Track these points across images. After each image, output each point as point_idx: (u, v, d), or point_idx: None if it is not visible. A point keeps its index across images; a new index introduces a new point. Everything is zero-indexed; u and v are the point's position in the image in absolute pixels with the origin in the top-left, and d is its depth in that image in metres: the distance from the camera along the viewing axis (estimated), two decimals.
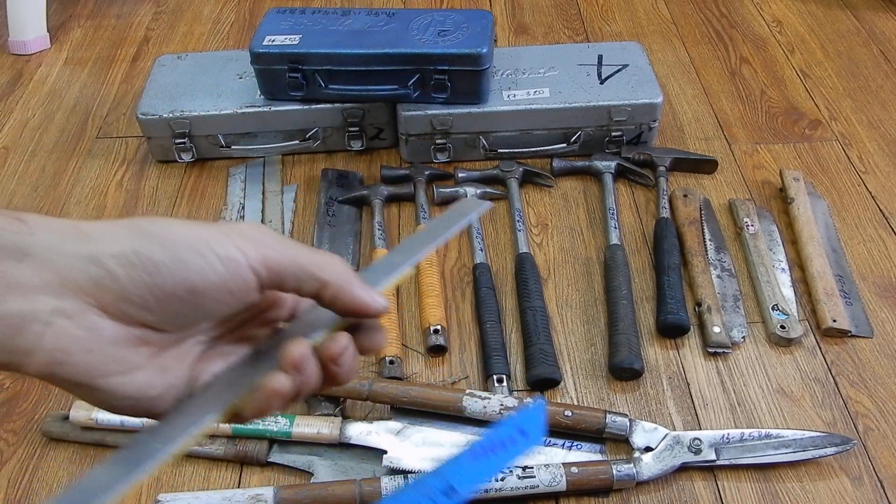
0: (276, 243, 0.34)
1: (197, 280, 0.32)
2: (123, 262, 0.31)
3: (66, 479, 0.76)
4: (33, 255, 0.31)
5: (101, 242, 0.32)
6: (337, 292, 0.35)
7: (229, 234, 0.33)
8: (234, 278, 0.33)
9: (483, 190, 1.04)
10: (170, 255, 0.32)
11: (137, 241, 0.32)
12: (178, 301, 0.33)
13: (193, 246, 0.32)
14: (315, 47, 1.02)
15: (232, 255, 0.33)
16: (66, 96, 1.29)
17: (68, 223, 0.32)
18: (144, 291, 0.32)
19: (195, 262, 0.32)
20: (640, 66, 1.11)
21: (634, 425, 0.76)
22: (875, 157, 1.11)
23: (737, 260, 0.95)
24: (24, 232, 0.31)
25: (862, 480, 0.74)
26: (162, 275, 0.32)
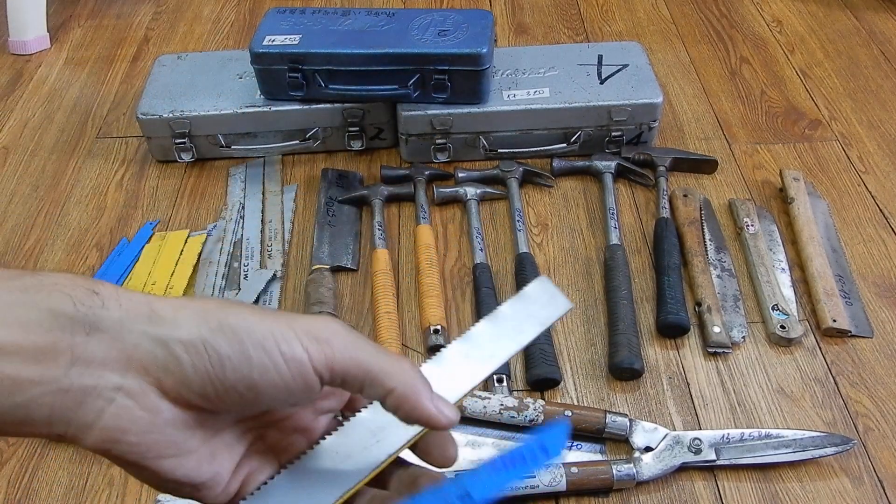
0: (345, 345, 0.34)
1: (259, 378, 0.32)
2: (191, 351, 0.31)
3: (66, 479, 0.76)
4: (103, 330, 0.31)
5: (173, 326, 0.32)
6: (402, 403, 0.34)
7: (298, 333, 0.33)
8: (296, 379, 0.33)
9: (483, 190, 1.04)
10: (237, 350, 0.32)
11: (207, 331, 0.32)
12: (238, 395, 0.33)
13: (261, 342, 0.32)
14: (315, 47, 1.02)
15: (298, 355, 0.32)
16: (66, 96, 1.29)
17: (143, 299, 0.32)
18: (206, 381, 0.32)
19: (260, 361, 0.32)
20: (640, 66, 1.11)
21: (634, 425, 0.76)
22: (875, 157, 1.11)
23: (737, 260, 0.95)
24: (96, 305, 0.31)
25: (862, 480, 0.74)
26: (225, 369, 0.32)
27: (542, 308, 0.40)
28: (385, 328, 0.87)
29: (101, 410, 0.31)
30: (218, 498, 0.36)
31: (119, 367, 0.31)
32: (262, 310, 0.34)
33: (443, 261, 0.97)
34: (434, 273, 0.93)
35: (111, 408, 0.31)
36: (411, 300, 0.93)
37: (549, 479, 0.72)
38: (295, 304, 0.93)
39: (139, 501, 0.75)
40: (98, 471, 0.77)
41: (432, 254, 0.96)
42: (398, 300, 0.92)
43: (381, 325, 0.87)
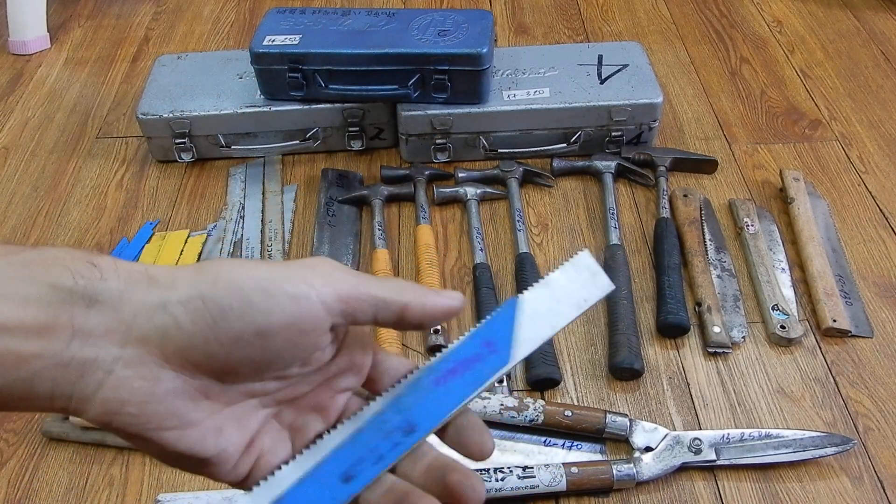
0: (346, 275, 0.34)
1: (265, 321, 0.32)
2: (190, 309, 0.31)
3: (66, 479, 0.76)
4: (102, 302, 0.31)
5: (169, 289, 0.31)
6: (421, 309, 0.35)
7: (297, 270, 0.33)
8: (303, 315, 0.32)
9: (483, 190, 1.04)
10: (238, 299, 0.31)
11: (205, 286, 0.31)
12: (247, 345, 0.32)
13: (261, 286, 0.32)
14: (315, 47, 1.02)
15: (301, 291, 0.32)
16: (66, 96, 1.29)
17: (139, 268, 0.32)
18: (210, 337, 0.31)
19: (263, 303, 0.32)
20: (640, 66, 1.11)
21: (634, 425, 0.76)
22: (875, 157, 1.11)
23: (737, 260, 0.95)
24: (95, 277, 0.31)
25: (862, 480, 0.74)
26: (228, 320, 0.31)
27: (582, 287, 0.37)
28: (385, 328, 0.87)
29: (100, 382, 0.31)
30: (227, 476, 0.35)
31: (118, 338, 0.31)
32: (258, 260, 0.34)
33: (443, 261, 0.97)
34: (434, 273, 0.93)
35: (110, 379, 0.31)
36: None
37: (549, 479, 0.72)
38: None
39: (139, 501, 0.75)
40: (98, 471, 0.77)
41: (432, 254, 0.96)
42: None
43: None
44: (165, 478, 0.76)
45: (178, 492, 0.74)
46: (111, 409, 0.31)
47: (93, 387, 0.31)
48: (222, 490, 0.74)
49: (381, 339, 0.86)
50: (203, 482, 0.76)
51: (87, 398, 0.31)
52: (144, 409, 0.31)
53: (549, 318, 0.36)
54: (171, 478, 0.76)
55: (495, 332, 0.34)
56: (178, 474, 0.77)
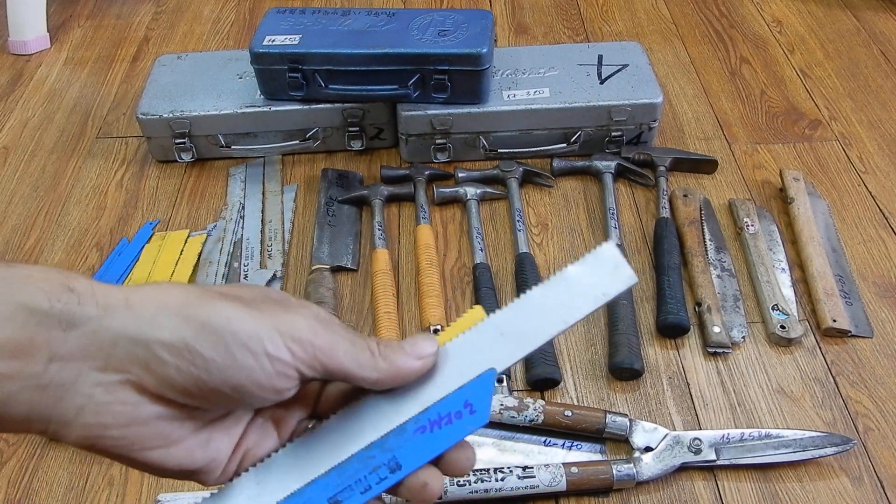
0: (325, 344, 0.34)
1: (245, 379, 0.32)
2: (174, 353, 0.31)
3: (66, 479, 0.76)
4: (80, 327, 0.30)
5: (153, 326, 0.31)
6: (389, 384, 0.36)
7: (282, 333, 0.33)
8: (280, 378, 0.33)
9: (483, 190, 1.04)
10: (221, 352, 0.32)
11: (190, 334, 0.31)
12: (222, 395, 0.33)
13: (246, 343, 0.32)
14: (315, 47, 1.02)
15: (282, 356, 0.33)
16: (66, 96, 1.29)
17: (119, 295, 0.32)
18: (189, 383, 0.32)
19: (245, 362, 0.32)
20: (640, 66, 1.11)
21: (634, 425, 0.76)
22: (875, 157, 1.11)
23: (737, 260, 0.95)
24: (72, 302, 0.30)
25: (862, 480, 0.74)
26: (210, 371, 0.32)
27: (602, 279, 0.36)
28: (385, 328, 0.87)
29: (80, 407, 0.30)
30: (219, 478, 0.35)
31: (98, 364, 0.30)
32: (242, 304, 0.33)
33: (443, 261, 0.97)
34: (434, 273, 0.93)
35: (90, 404, 0.30)
36: (411, 300, 0.93)
37: (549, 479, 0.72)
38: None
39: (139, 501, 0.75)
40: (98, 471, 0.77)
41: (432, 254, 0.96)
42: (398, 300, 0.92)
43: (381, 325, 0.87)
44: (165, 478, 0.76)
45: (178, 492, 0.74)
46: (93, 434, 0.31)
47: (73, 411, 0.30)
48: None
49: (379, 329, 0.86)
50: None
51: (67, 422, 0.30)
52: (127, 432, 0.31)
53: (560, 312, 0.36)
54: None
55: (476, 396, 0.36)
56: None
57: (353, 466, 0.36)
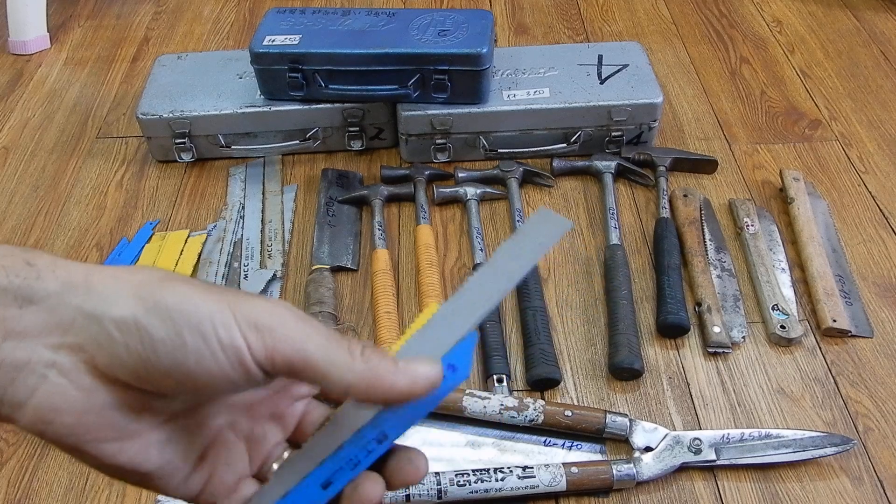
0: (291, 335, 0.30)
1: (194, 365, 0.29)
2: (123, 329, 0.29)
3: (66, 479, 0.76)
4: (37, 303, 0.29)
5: (106, 302, 0.29)
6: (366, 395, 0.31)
7: (238, 318, 0.30)
8: (235, 369, 0.30)
9: (483, 190, 1.04)
10: (171, 333, 0.29)
11: (142, 311, 0.29)
12: (175, 382, 0.30)
13: (197, 326, 0.29)
14: (315, 47, 1.02)
15: (236, 343, 0.29)
16: (66, 96, 1.29)
17: (80, 270, 0.30)
18: (138, 363, 0.29)
19: (196, 346, 0.29)
20: (640, 66, 1.11)
21: (634, 425, 0.76)
22: (875, 157, 1.11)
23: (737, 260, 0.95)
24: (31, 277, 0.29)
25: (862, 480, 0.74)
26: (158, 353, 0.29)
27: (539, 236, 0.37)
28: (385, 328, 0.87)
29: (33, 387, 0.29)
30: (177, 490, 0.33)
31: (53, 343, 0.29)
32: (207, 287, 0.31)
33: (443, 261, 0.97)
34: (434, 273, 0.93)
35: (44, 385, 0.29)
36: (411, 300, 0.93)
37: (549, 479, 0.72)
38: (295, 304, 0.92)
39: (139, 501, 0.75)
40: None
41: (432, 254, 0.96)
42: (398, 300, 0.92)
43: (381, 325, 0.87)
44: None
45: None
46: (45, 418, 0.29)
47: (25, 392, 0.29)
48: None
49: (381, 338, 0.86)
50: None
51: (18, 404, 0.29)
52: (80, 419, 0.30)
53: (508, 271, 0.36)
54: None
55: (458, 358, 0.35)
56: None
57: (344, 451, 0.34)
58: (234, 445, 0.35)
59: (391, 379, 0.31)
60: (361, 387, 0.31)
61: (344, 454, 0.34)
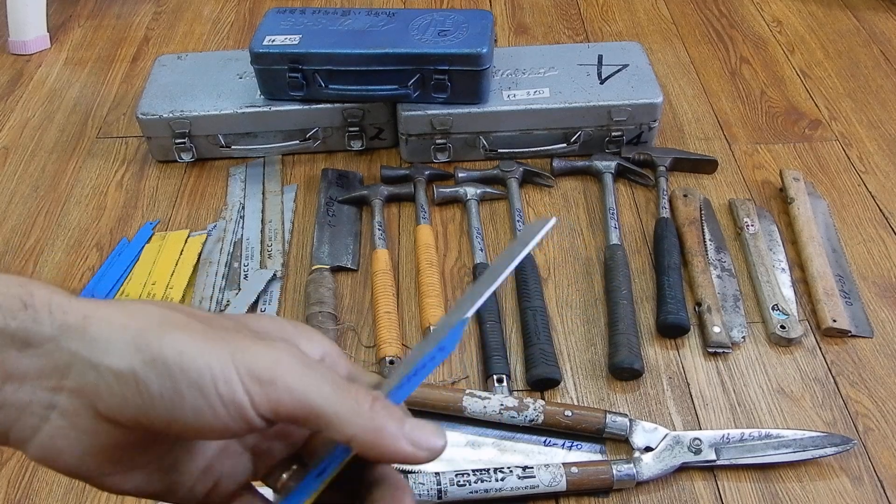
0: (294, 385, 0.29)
1: (193, 420, 0.29)
2: (120, 380, 0.29)
3: (67, 479, 0.76)
4: (34, 347, 0.29)
5: (105, 350, 0.29)
6: (367, 451, 0.30)
7: (240, 371, 0.29)
8: (236, 422, 0.29)
9: (483, 190, 1.04)
10: (168, 388, 0.28)
11: (140, 364, 0.29)
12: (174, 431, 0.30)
13: (196, 382, 0.28)
14: (315, 47, 1.02)
15: (237, 399, 0.29)
16: (66, 96, 1.29)
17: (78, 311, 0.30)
18: (138, 413, 0.29)
19: (194, 402, 0.29)
20: (640, 66, 1.11)
21: (634, 425, 0.76)
22: (875, 157, 1.11)
23: (737, 260, 0.95)
24: (27, 320, 0.29)
25: (862, 480, 0.74)
26: (156, 408, 0.29)
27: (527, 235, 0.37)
28: (385, 328, 0.87)
29: (35, 428, 0.29)
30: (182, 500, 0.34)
31: (52, 385, 0.29)
32: (206, 331, 0.30)
33: (443, 261, 0.97)
34: (434, 273, 0.93)
35: (46, 426, 0.29)
36: (411, 300, 0.93)
37: (549, 479, 0.72)
38: (295, 304, 0.93)
39: (139, 501, 0.75)
40: None
41: (432, 254, 0.96)
42: (398, 300, 0.92)
43: (381, 325, 0.87)
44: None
45: None
46: (49, 456, 0.30)
47: (28, 432, 0.29)
48: None
49: (381, 338, 0.86)
50: None
51: (23, 441, 0.30)
52: (84, 458, 0.30)
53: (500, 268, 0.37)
54: None
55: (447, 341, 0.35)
56: None
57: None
58: (239, 457, 0.35)
59: (395, 444, 0.30)
60: (365, 443, 0.30)
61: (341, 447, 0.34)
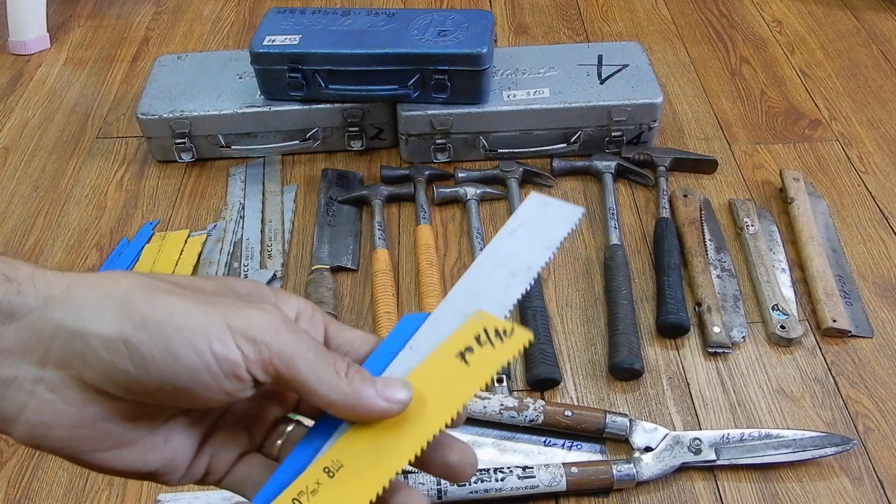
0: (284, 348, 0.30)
1: (188, 380, 0.29)
2: (110, 348, 0.28)
3: (66, 479, 0.76)
4: (18, 320, 0.29)
5: (91, 317, 0.29)
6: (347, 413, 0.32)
7: (234, 330, 0.30)
8: (230, 380, 0.30)
9: (483, 190, 1.04)
10: (162, 349, 0.29)
11: (129, 327, 0.29)
12: (167, 396, 0.30)
13: (190, 339, 0.29)
14: (315, 47, 1.02)
15: (231, 356, 0.29)
16: (66, 96, 1.29)
17: (62, 282, 0.30)
18: (128, 380, 0.29)
19: (189, 361, 0.29)
20: (640, 66, 1.11)
21: (634, 425, 0.76)
22: (875, 157, 1.11)
23: (737, 260, 0.95)
24: (11, 293, 0.29)
25: (862, 480, 0.74)
26: (149, 370, 0.29)
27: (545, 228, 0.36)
28: (385, 328, 0.87)
29: (22, 404, 0.29)
30: (181, 481, 0.34)
31: (37, 358, 0.29)
32: (194, 295, 0.30)
33: (443, 261, 0.97)
34: (434, 273, 0.93)
35: (33, 401, 0.29)
36: (411, 300, 0.93)
37: (549, 480, 0.72)
38: None
39: (139, 501, 0.75)
40: None
41: (432, 254, 0.96)
42: (398, 300, 0.92)
43: (381, 325, 0.87)
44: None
45: (178, 492, 0.74)
46: (37, 433, 0.29)
47: (14, 408, 0.29)
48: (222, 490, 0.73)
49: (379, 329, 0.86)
50: None
51: (10, 420, 0.29)
52: (74, 433, 0.30)
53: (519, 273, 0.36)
54: None
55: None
56: None
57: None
58: (232, 426, 0.35)
59: (371, 403, 0.32)
60: (344, 407, 0.32)
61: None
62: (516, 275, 0.36)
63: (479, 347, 0.35)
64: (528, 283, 0.36)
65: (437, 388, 0.34)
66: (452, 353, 0.35)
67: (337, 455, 0.33)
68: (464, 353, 0.35)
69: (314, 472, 0.32)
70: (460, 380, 0.34)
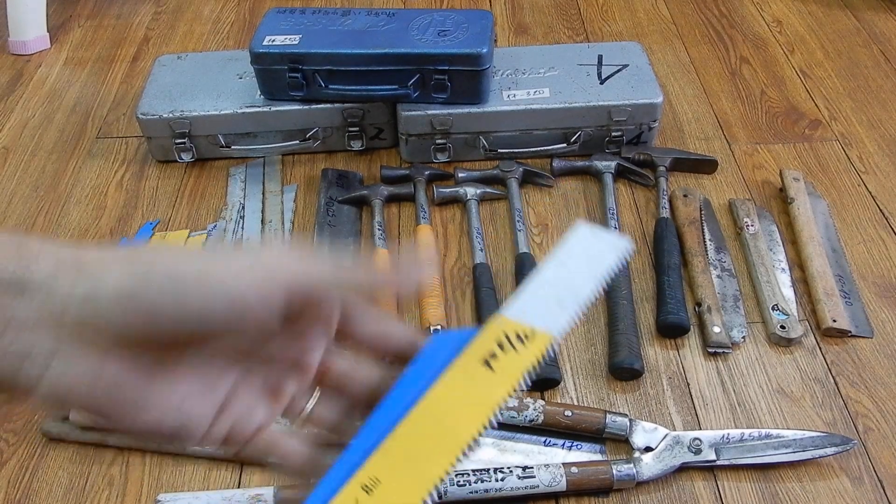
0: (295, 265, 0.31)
1: (200, 318, 0.30)
2: (121, 305, 0.29)
3: (66, 479, 0.76)
4: (30, 291, 0.29)
5: (99, 277, 0.29)
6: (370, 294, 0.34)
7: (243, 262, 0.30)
8: (248, 316, 0.30)
9: (483, 190, 1.04)
10: (171, 296, 0.29)
11: (136, 279, 0.29)
12: (184, 342, 0.30)
13: (198, 284, 0.29)
14: (315, 47, 1.02)
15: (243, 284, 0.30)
16: (66, 96, 1.29)
17: (70, 252, 0.30)
18: (144, 333, 0.29)
19: (198, 304, 0.29)
20: (640, 66, 1.11)
21: (634, 425, 0.76)
22: (875, 157, 1.11)
23: (737, 260, 0.95)
24: (21, 266, 0.29)
25: (862, 480, 0.74)
26: (160, 318, 0.29)
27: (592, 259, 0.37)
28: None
29: (38, 377, 0.29)
30: (203, 443, 0.34)
31: (51, 330, 0.29)
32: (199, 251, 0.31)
33: (443, 261, 0.97)
34: (434, 273, 0.93)
35: (49, 373, 0.29)
36: (411, 300, 0.93)
37: (549, 479, 0.72)
38: None
39: (139, 501, 0.75)
40: (98, 471, 0.77)
41: (432, 254, 0.96)
42: (398, 300, 0.92)
43: None
44: (165, 478, 0.76)
45: (178, 492, 0.74)
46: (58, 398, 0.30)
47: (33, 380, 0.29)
48: (222, 490, 0.74)
49: None
50: (203, 482, 0.76)
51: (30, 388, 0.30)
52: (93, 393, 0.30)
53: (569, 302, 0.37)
54: (171, 478, 0.76)
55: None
56: (178, 474, 0.77)
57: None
58: (254, 397, 0.35)
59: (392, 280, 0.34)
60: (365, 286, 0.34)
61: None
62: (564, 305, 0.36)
63: (502, 353, 0.35)
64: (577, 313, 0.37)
65: (465, 396, 0.34)
66: (477, 360, 0.35)
67: (373, 471, 0.33)
68: (488, 359, 0.35)
69: (352, 490, 0.32)
70: (488, 387, 0.34)
